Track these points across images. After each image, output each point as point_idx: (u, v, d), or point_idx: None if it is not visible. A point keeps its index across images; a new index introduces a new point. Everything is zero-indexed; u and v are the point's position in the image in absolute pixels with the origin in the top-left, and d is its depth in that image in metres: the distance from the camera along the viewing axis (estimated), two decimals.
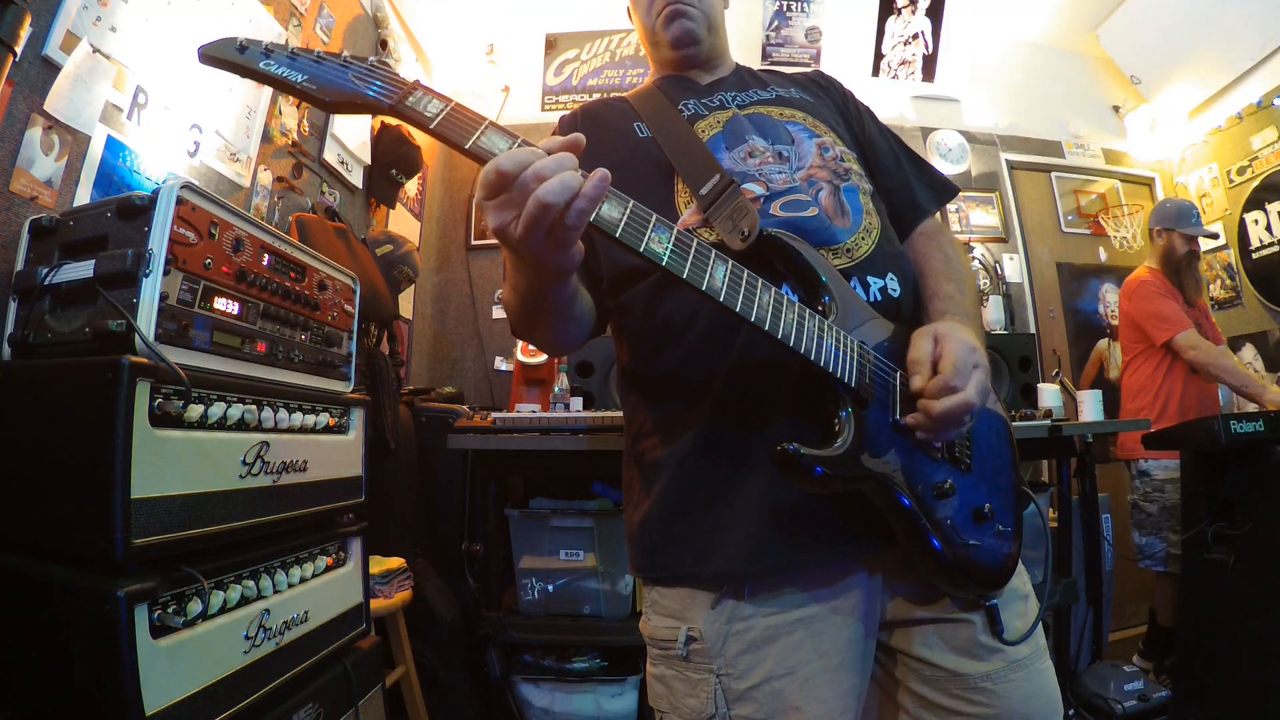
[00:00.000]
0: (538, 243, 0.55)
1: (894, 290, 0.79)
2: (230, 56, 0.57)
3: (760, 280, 0.63)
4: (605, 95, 1.12)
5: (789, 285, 0.73)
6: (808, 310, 0.66)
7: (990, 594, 0.73)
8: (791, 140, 0.86)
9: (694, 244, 0.59)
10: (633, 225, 0.58)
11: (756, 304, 0.61)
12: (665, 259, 0.58)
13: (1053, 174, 3.55)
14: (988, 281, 3.21)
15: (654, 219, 0.59)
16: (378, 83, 0.59)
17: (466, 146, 0.56)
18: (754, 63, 1.05)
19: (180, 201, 0.95)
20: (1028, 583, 0.81)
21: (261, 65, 0.57)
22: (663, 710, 0.78)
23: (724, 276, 0.60)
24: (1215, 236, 2.85)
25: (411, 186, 3.01)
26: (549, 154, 0.54)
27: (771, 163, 0.82)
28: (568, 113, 0.98)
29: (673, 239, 0.59)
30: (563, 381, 2.33)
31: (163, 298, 0.91)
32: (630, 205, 0.58)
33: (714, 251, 0.61)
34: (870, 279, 0.78)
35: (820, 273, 0.72)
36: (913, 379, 0.69)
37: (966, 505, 0.71)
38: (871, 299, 0.77)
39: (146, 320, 0.90)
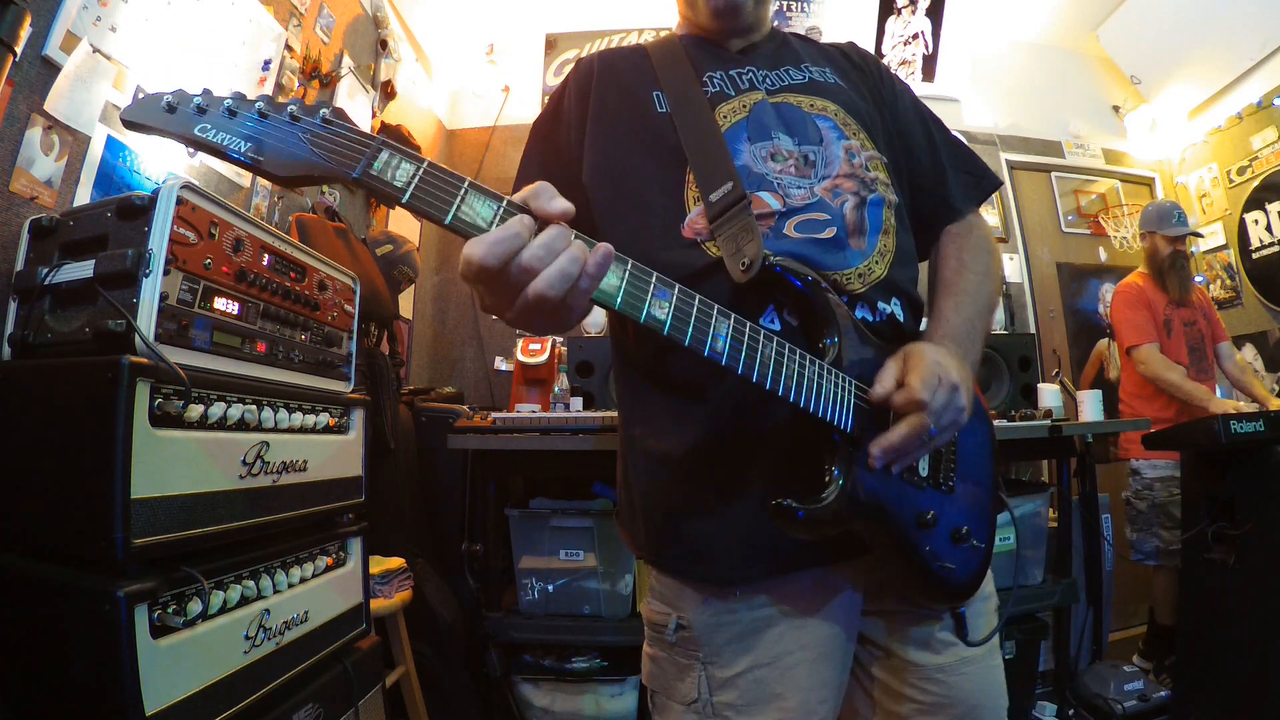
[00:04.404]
0: (535, 325, 0.53)
1: (899, 315, 0.78)
2: (157, 121, 0.48)
3: (761, 334, 0.61)
4: (623, 44, 1.00)
5: (788, 312, 0.72)
6: (808, 358, 0.64)
7: (960, 604, 0.76)
8: (820, 139, 0.80)
9: (695, 306, 0.57)
10: (632, 292, 0.53)
11: (758, 361, 0.60)
12: (667, 327, 0.55)
13: (1053, 174, 3.55)
14: None
15: (654, 281, 0.54)
16: (336, 146, 0.48)
17: (446, 222, 0.48)
18: None
19: (180, 201, 0.95)
20: (990, 581, 0.82)
21: (196, 131, 0.47)
22: (653, 689, 0.81)
23: (726, 336, 0.58)
24: (1198, 235, 2.84)
25: None
26: (537, 222, 0.48)
27: (793, 172, 0.77)
28: (585, 58, 0.89)
29: (673, 303, 0.55)
30: (563, 381, 2.33)
31: (163, 298, 0.91)
32: (629, 268, 0.53)
33: (715, 310, 0.58)
34: (879, 304, 0.76)
35: (823, 310, 0.70)
36: (872, 393, 0.66)
37: (946, 529, 0.72)
38: (877, 320, 0.76)
39: (146, 320, 0.90)
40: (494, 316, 0.52)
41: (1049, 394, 2.21)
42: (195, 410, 0.93)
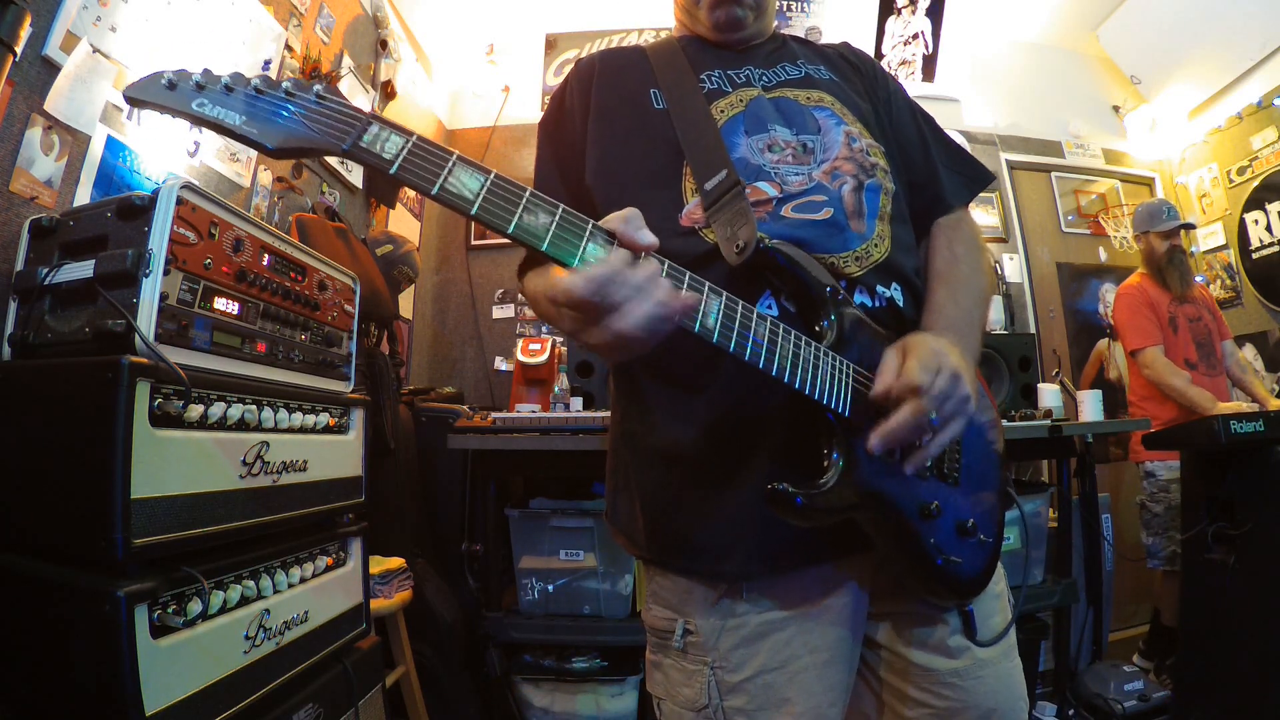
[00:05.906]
0: (617, 355, 0.55)
1: (898, 300, 0.77)
2: (157, 98, 0.50)
3: (755, 314, 0.60)
4: (622, 44, 1.00)
5: (785, 297, 0.71)
6: (803, 339, 0.63)
7: (968, 601, 0.75)
8: (818, 129, 0.80)
9: (685, 282, 0.56)
10: None
11: (750, 341, 0.59)
12: None
13: (1053, 174, 3.55)
14: None
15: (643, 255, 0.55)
16: (328, 120, 0.51)
17: (433, 193, 0.50)
18: None
19: (180, 201, 0.95)
20: (1002, 579, 0.82)
21: (194, 106, 0.50)
22: (659, 696, 0.80)
23: (717, 314, 0.57)
24: (1190, 226, 2.83)
25: None
26: (633, 251, 0.52)
27: (790, 161, 0.77)
28: (585, 57, 0.91)
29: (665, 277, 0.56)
30: (563, 381, 2.33)
31: (163, 298, 0.91)
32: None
33: (706, 287, 0.57)
34: (878, 288, 0.75)
35: (818, 293, 0.69)
36: (874, 390, 0.66)
37: (951, 521, 0.71)
38: (876, 306, 0.75)
39: (146, 320, 0.90)
40: (578, 342, 0.56)
41: (1049, 394, 2.22)
42: (195, 410, 0.93)
